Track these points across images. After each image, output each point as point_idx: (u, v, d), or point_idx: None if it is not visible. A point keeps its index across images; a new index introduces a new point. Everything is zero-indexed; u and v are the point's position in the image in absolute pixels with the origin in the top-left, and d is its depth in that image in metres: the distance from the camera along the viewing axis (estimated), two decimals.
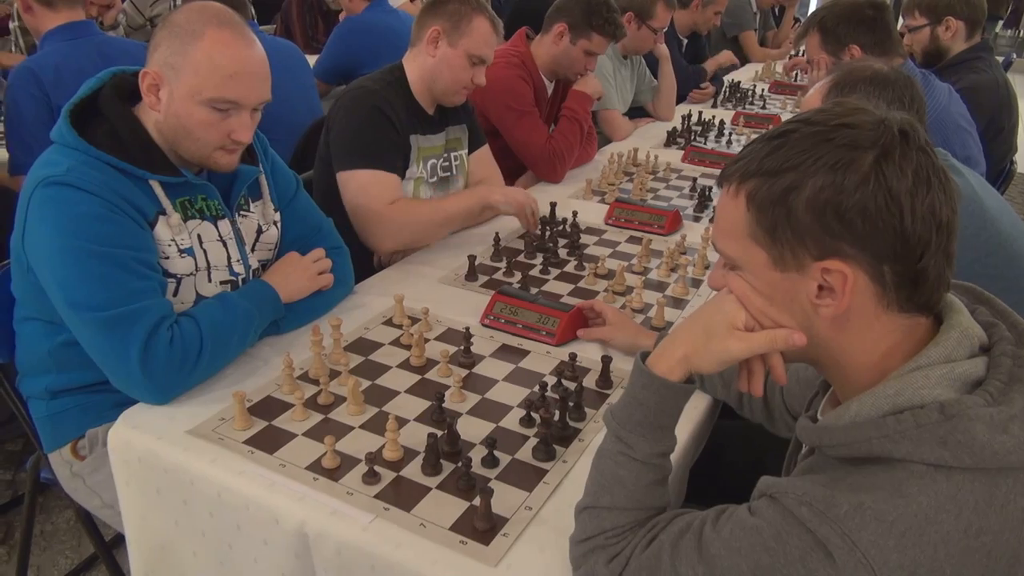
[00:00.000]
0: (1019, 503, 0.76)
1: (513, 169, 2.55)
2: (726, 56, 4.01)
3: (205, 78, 1.31)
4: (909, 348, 0.83)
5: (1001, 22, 3.63)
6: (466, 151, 2.21)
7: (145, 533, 1.27)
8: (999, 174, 2.77)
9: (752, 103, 3.85)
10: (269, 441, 1.22)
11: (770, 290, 0.85)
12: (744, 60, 4.95)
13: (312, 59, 3.54)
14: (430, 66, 1.98)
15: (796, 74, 4.46)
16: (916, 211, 0.77)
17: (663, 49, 3.29)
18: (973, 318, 0.86)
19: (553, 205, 2.12)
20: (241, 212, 1.53)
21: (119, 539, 1.72)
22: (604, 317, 1.54)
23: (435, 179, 2.10)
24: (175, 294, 1.40)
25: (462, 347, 1.46)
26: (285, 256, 1.58)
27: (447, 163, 2.14)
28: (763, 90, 4.08)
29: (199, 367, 1.31)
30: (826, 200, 0.78)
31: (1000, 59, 3.24)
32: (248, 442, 1.21)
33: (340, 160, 1.93)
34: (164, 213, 1.37)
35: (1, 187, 2.04)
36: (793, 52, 4.98)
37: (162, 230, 1.36)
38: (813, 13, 2.25)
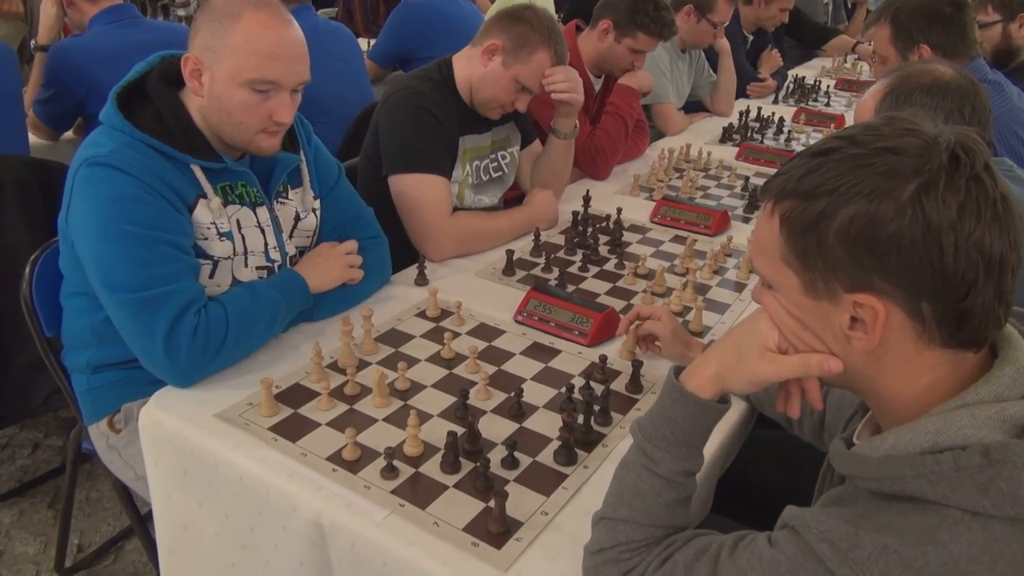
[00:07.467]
0: None
1: None
2: (774, 60, 3.87)
3: (244, 60, 1.32)
4: (956, 382, 0.78)
5: None
6: (517, 148, 2.17)
7: (171, 511, 1.30)
8: None
9: (816, 100, 3.73)
10: (293, 429, 1.23)
11: (803, 314, 0.81)
12: (812, 54, 4.79)
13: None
14: (479, 74, 1.93)
15: (861, 67, 4.30)
16: (959, 247, 0.71)
17: (724, 43, 3.20)
18: None
19: (587, 199, 2.03)
20: (280, 200, 1.54)
21: None
22: (657, 317, 1.43)
23: (479, 181, 2.06)
24: (211, 276, 1.41)
25: (493, 343, 1.44)
26: (318, 247, 1.59)
27: (495, 163, 2.10)
28: (829, 86, 3.94)
29: (222, 353, 1.33)
30: (858, 232, 0.73)
31: None
32: (273, 428, 1.22)
33: (392, 163, 1.90)
34: (205, 196, 1.39)
35: (55, 166, 2.09)
36: (859, 41, 4.76)
37: (202, 213, 1.38)
38: (888, 2, 2.06)
